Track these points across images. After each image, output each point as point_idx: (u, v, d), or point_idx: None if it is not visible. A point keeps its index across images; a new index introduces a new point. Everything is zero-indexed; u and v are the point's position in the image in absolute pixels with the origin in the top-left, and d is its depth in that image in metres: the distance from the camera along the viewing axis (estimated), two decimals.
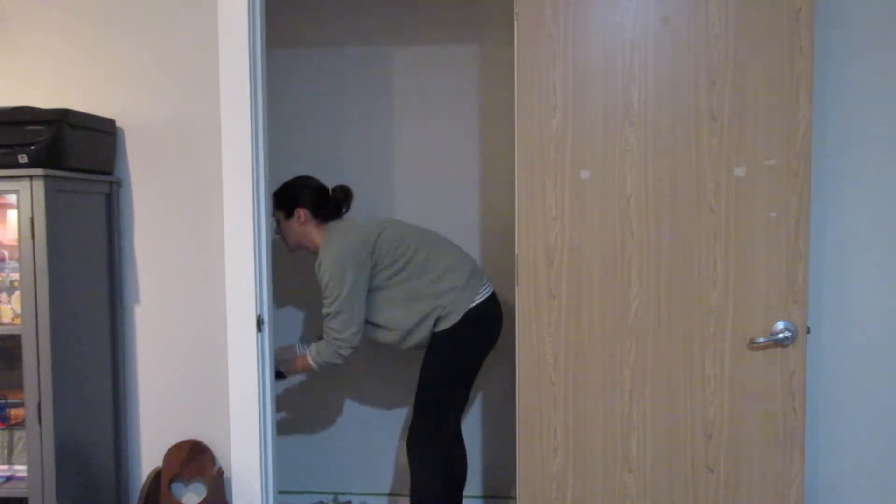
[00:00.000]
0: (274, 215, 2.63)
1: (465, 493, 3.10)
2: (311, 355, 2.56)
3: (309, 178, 2.67)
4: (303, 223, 2.59)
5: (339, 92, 3.13)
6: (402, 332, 2.51)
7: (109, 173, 2.16)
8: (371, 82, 3.09)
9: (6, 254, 2.05)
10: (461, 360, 2.53)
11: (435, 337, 2.51)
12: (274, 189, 2.64)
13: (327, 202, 2.63)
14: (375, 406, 3.22)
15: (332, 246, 2.48)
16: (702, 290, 1.93)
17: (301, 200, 2.58)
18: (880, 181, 2.00)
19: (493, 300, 2.57)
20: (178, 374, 2.21)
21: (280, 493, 3.22)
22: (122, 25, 2.18)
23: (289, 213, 2.59)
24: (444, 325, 2.48)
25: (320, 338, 2.59)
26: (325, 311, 2.48)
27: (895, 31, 1.97)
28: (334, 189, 2.66)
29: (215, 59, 2.14)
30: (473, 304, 2.49)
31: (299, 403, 3.26)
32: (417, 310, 2.48)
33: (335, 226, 2.57)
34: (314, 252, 2.61)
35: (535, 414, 2.00)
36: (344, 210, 2.68)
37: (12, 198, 1.93)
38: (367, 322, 2.52)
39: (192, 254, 2.18)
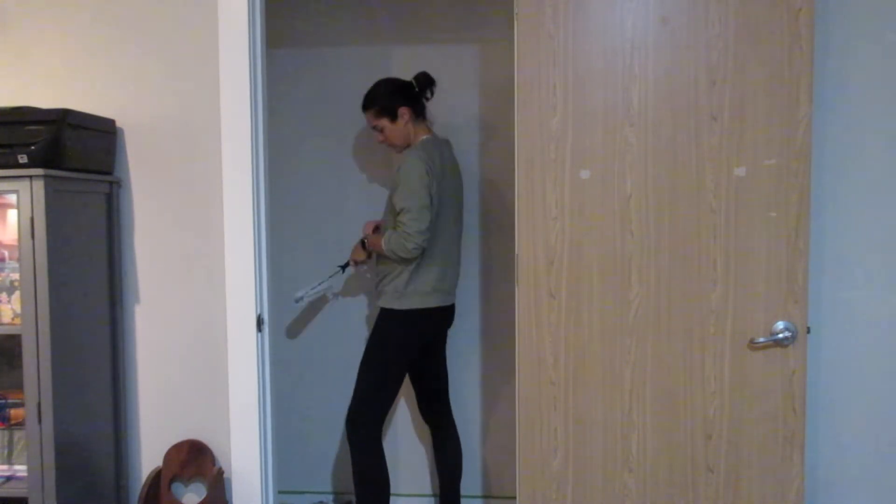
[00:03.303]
0: (375, 126, 2.71)
1: (465, 492, 3.11)
2: (383, 239, 2.61)
3: (390, 78, 2.75)
4: (407, 121, 2.67)
5: (339, 92, 3.13)
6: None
7: (109, 173, 2.16)
8: (371, 82, 3.08)
9: (6, 254, 2.05)
10: (395, 346, 2.65)
11: (382, 312, 2.66)
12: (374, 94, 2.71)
13: (417, 93, 2.71)
14: None
15: (418, 150, 2.58)
16: (702, 290, 1.93)
17: (400, 100, 2.66)
18: (880, 180, 2.00)
19: (448, 310, 2.74)
20: (178, 374, 2.21)
21: (280, 493, 3.22)
22: (123, 25, 2.18)
23: (394, 117, 2.66)
24: (395, 306, 2.62)
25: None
26: (398, 205, 2.56)
27: (895, 31, 1.97)
28: (416, 77, 2.73)
29: (215, 59, 2.14)
30: (427, 305, 2.63)
31: (300, 403, 3.26)
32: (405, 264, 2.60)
33: (426, 140, 2.66)
34: (401, 151, 2.71)
35: (535, 414, 2.00)
36: (427, 97, 2.74)
37: (12, 198, 1.93)
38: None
39: (192, 254, 2.19)
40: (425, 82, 2.71)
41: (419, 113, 2.70)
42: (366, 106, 2.70)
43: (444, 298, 2.68)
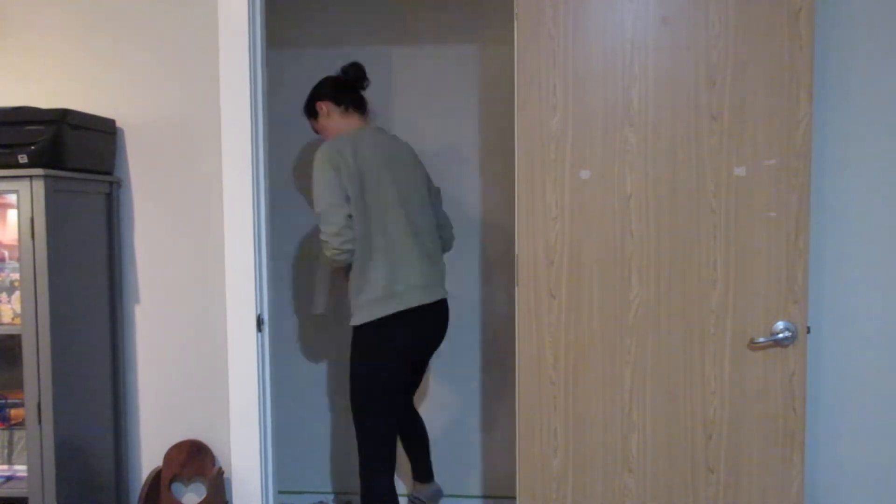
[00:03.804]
0: (312, 128, 2.61)
1: (465, 493, 3.11)
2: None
3: (323, 78, 2.60)
4: (328, 114, 2.52)
5: None
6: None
7: (109, 173, 2.16)
8: (371, 82, 3.09)
9: (6, 254, 2.05)
10: (375, 372, 2.34)
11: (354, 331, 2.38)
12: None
13: (343, 85, 2.55)
14: None
15: (323, 146, 2.37)
16: (702, 290, 1.93)
17: (319, 95, 2.54)
18: (880, 180, 2.00)
19: (424, 312, 2.41)
20: (178, 373, 2.21)
21: (280, 493, 3.22)
22: (122, 25, 2.18)
23: (315, 113, 2.55)
24: (354, 322, 2.34)
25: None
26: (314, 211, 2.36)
27: (895, 31, 1.97)
28: (344, 69, 2.58)
29: (215, 59, 2.14)
30: (385, 314, 2.31)
31: (300, 403, 3.26)
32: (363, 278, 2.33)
33: (346, 134, 2.43)
34: None
35: (535, 414, 2.00)
36: (364, 86, 2.58)
37: (12, 198, 1.94)
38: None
39: (192, 254, 2.19)
40: (355, 74, 2.55)
41: (351, 105, 2.52)
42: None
43: (407, 300, 2.33)
